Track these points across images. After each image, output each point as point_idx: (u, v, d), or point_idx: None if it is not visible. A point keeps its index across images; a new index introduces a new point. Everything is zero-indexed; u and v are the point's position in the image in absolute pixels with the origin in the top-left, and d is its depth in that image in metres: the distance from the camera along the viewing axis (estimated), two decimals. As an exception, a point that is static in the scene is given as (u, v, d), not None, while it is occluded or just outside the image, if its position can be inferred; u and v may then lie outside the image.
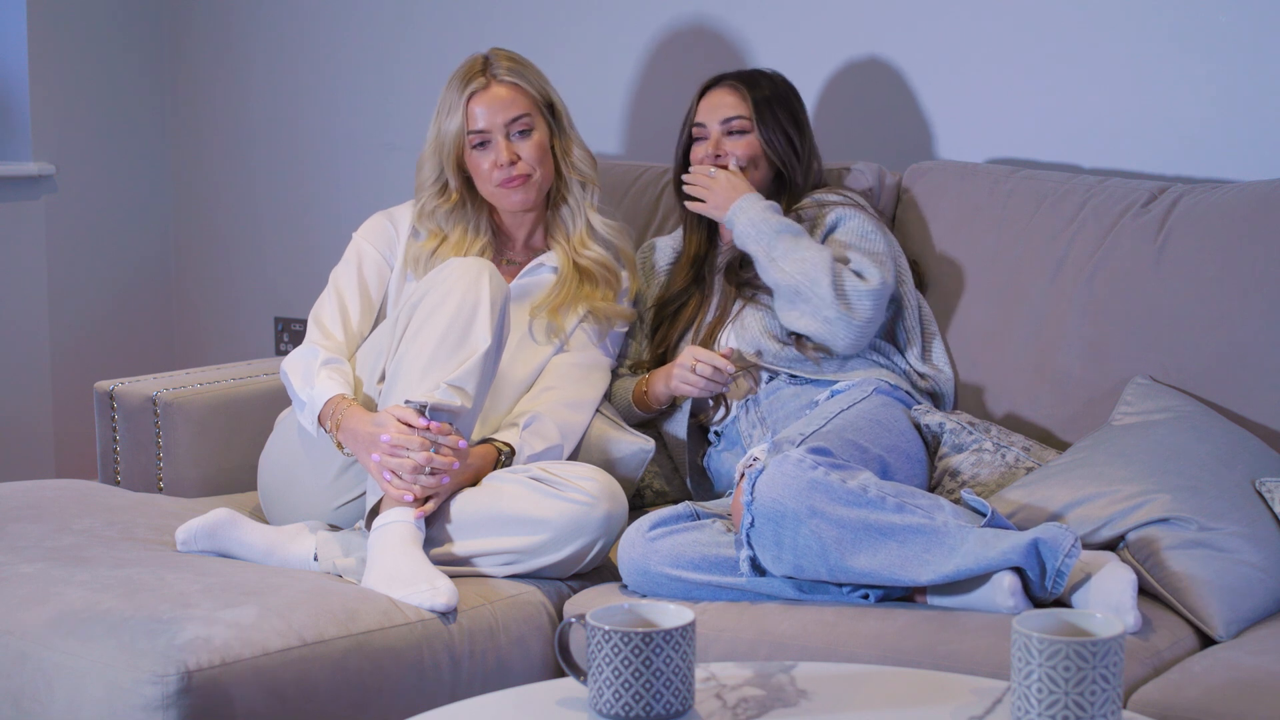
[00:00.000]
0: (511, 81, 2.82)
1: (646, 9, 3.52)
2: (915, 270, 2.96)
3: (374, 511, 2.54)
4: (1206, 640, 2.32)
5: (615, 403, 2.91)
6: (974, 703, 1.86)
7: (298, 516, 2.70)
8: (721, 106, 2.94)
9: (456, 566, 2.53)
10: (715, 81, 2.99)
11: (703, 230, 3.01)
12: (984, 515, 2.35)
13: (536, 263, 2.89)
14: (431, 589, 2.39)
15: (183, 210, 4.18)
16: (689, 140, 2.98)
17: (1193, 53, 2.99)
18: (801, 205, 2.92)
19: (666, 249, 3.08)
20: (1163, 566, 2.35)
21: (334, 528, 2.66)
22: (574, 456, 2.76)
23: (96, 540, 2.57)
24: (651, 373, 2.89)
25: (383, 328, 2.72)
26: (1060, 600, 2.30)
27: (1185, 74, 3.00)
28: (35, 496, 2.78)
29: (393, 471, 2.50)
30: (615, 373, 2.94)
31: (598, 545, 2.54)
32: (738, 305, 2.90)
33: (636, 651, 1.79)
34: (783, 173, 2.96)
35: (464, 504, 2.56)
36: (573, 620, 1.89)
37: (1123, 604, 2.24)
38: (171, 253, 4.20)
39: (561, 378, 2.81)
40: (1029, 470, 2.60)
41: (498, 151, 2.79)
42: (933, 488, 2.64)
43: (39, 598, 2.31)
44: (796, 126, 2.96)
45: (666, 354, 2.95)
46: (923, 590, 2.35)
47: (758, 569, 2.38)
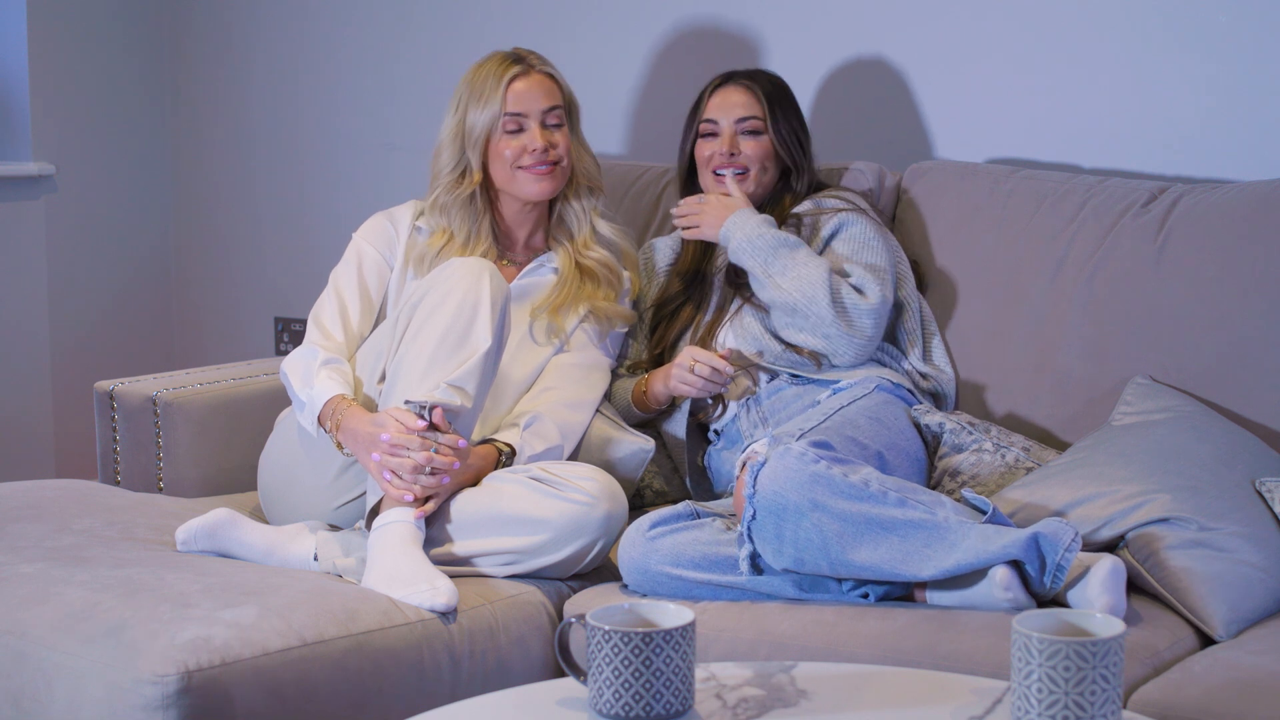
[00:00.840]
0: (549, 73, 2.85)
1: (646, 10, 3.52)
2: (915, 270, 2.95)
3: (374, 511, 2.54)
4: (1206, 640, 2.32)
5: (615, 403, 2.91)
6: (974, 703, 1.86)
7: (298, 516, 2.70)
8: (735, 105, 2.93)
9: (456, 566, 2.53)
10: (725, 79, 2.97)
11: (702, 231, 3.01)
12: (985, 513, 2.35)
13: (538, 263, 2.89)
14: (431, 589, 2.39)
15: (183, 210, 4.18)
16: (695, 138, 2.97)
17: (1193, 53, 2.99)
18: (801, 209, 2.92)
19: (666, 250, 3.07)
20: (1163, 566, 2.35)
21: (334, 528, 2.66)
22: (574, 457, 2.76)
23: (96, 540, 2.57)
24: (650, 373, 2.89)
25: (383, 328, 2.72)
26: (1057, 599, 2.30)
27: (1185, 74, 3.00)
28: (35, 496, 2.78)
29: (393, 471, 2.50)
30: (615, 373, 2.94)
31: (598, 545, 2.54)
32: (736, 305, 2.89)
33: (636, 651, 1.79)
34: (789, 174, 2.95)
35: (464, 504, 2.56)
36: (573, 620, 1.89)
37: (1107, 585, 2.24)
38: (171, 253, 4.20)
39: (562, 378, 2.81)
40: (1029, 470, 2.60)
41: (532, 136, 2.81)
42: (932, 487, 2.64)
43: (39, 598, 2.31)
44: (802, 127, 2.96)
45: (664, 354, 2.94)
46: (922, 586, 2.35)
47: (757, 569, 2.38)
